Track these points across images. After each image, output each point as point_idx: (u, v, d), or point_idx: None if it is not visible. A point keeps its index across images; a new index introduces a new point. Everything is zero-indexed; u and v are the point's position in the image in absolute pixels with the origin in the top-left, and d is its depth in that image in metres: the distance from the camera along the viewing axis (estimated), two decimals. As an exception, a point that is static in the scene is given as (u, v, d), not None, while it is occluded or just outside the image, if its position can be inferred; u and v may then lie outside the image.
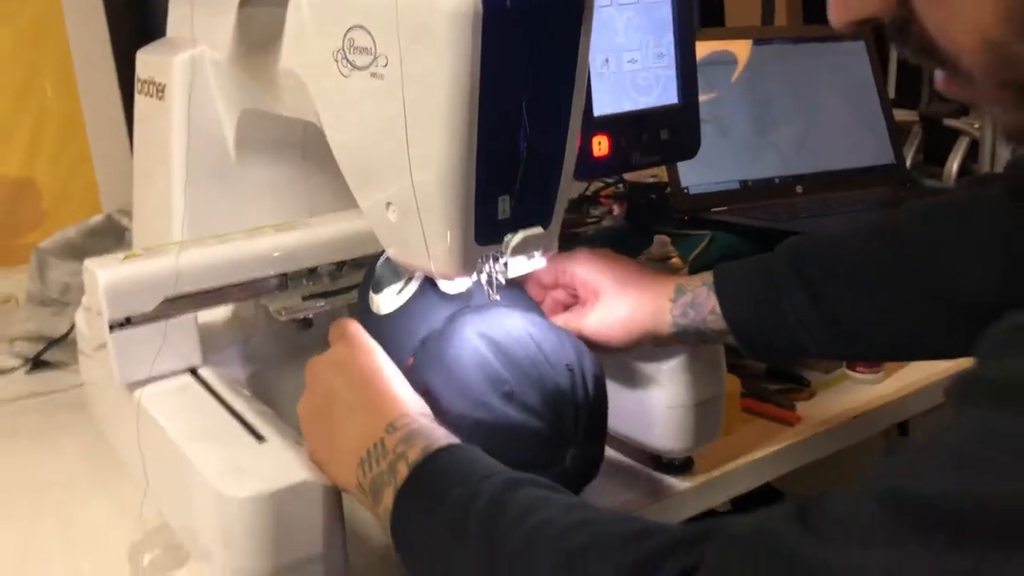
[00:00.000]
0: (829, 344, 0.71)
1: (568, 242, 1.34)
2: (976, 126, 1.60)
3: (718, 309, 0.72)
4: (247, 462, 0.62)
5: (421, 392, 0.66)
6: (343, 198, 0.90)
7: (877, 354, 0.75)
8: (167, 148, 0.86)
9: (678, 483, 0.83)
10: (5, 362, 1.10)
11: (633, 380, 0.80)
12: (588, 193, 1.46)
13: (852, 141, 1.42)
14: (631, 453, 0.85)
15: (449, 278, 0.66)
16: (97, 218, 1.15)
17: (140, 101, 0.93)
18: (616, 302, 0.74)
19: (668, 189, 1.26)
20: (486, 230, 0.64)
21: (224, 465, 0.62)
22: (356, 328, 0.69)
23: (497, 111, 0.60)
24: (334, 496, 0.62)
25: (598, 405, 0.69)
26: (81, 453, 0.92)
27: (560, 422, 0.65)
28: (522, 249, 0.65)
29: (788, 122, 1.37)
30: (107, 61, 1.42)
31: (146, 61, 0.92)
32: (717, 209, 1.27)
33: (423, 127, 0.60)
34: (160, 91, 0.88)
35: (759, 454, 0.88)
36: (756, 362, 0.99)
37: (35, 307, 1.13)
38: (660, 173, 1.31)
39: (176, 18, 0.92)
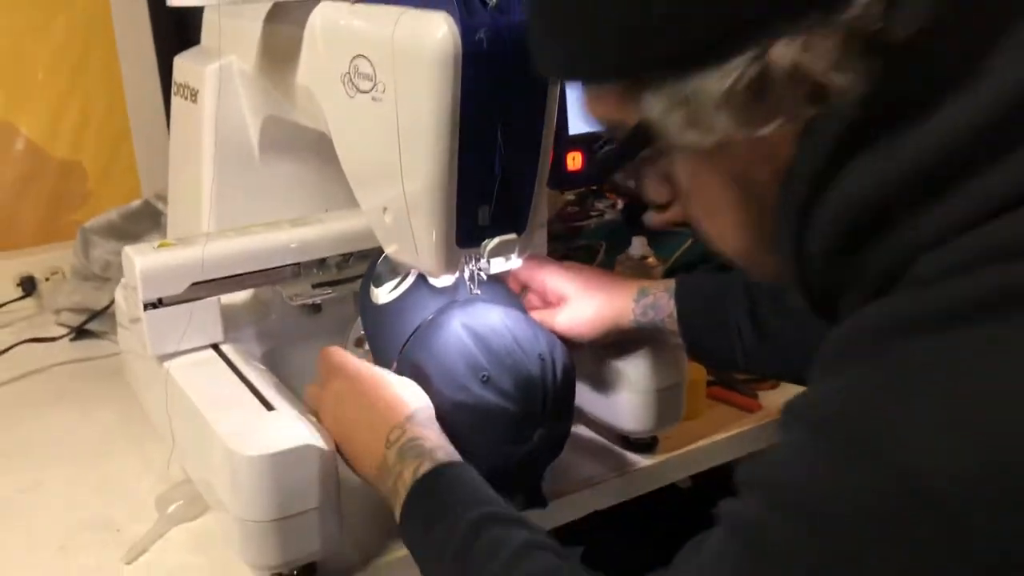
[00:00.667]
0: (755, 359, 0.81)
1: (571, 234, 1.44)
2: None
3: (675, 314, 0.82)
4: (257, 426, 0.73)
5: (411, 374, 0.76)
6: (353, 196, 1.01)
7: (792, 376, 0.84)
8: (199, 147, 0.97)
9: (642, 460, 0.93)
10: (52, 330, 1.22)
11: (604, 368, 0.90)
12: (594, 188, 1.54)
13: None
14: (602, 433, 0.95)
15: (435, 275, 0.77)
16: (136, 203, 1.26)
17: (176, 103, 1.04)
18: (583, 304, 0.85)
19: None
20: (467, 234, 0.74)
21: (237, 428, 0.73)
22: (343, 356, 0.79)
23: (475, 134, 0.70)
24: (330, 458, 0.73)
25: (565, 391, 0.79)
26: (117, 415, 1.04)
27: (529, 405, 0.75)
28: (497, 252, 0.75)
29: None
30: (149, 54, 1.52)
31: (182, 67, 1.02)
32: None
33: (413, 145, 0.70)
34: (194, 95, 0.98)
35: (719, 436, 0.97)
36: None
37: (79, 281, 1.24)
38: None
39: (209, 27, 1.02)
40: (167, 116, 1.55)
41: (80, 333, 1.22)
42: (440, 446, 0.70)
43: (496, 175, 0.72)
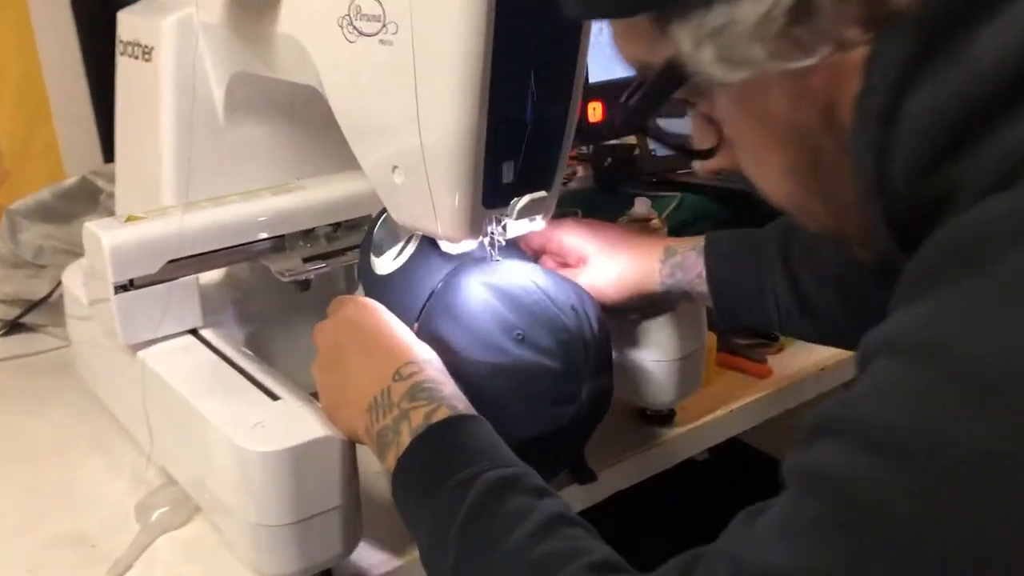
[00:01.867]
0: (796, 326, 0.75)
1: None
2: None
3: (704, 274, 0.76)
4: (266, 419, 0.64)
5: (434, 345, 0.68)
6: (329, 160, 0.92)
7: (839, 342, 0.78)
8: (155, 111, 0.86)
9: (662, 434, 0.87)
10: (-20, 325, 1.10)
11: (619, 337, 0.83)
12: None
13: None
14: (614, 405, 0.89)
15: (456, 240, 0.69)
16: (72, 180, 1.14)
17: (124, 63, 0.93)
18: (606, 264, 0.77)
19: (637, 151, 1.29)
20: (492, 194, 0.67)
21: (242, 422, 0.64)
22: (358, 297, 0.71)
23: (506, 78, 0.62)
24: (350, 451, 0.64)
25: (604, 341, 0.72)
26: (71, 414, 0.93)
27: (572, 360, 0.68)
28: (527, 212, 0.68)
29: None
30: (67, 20, 1.39)
31: (130, 23, 0.91)
32: (683, 171, 1.30)
33: (434, 93, 0.62)
34: (147, 53, 0.88)
35: (735, 405, 0.92)
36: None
37: (8, 269, 1.12)
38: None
39: (161, -22, 0.91)
40: (90, 84, 1.45)
41: (11, 327, 1.10)
42: (458, 397, 0.62)
43: (527, 124, 0.65)
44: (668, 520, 1.01)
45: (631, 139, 1.31)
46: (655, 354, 0.82)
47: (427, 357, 0.65)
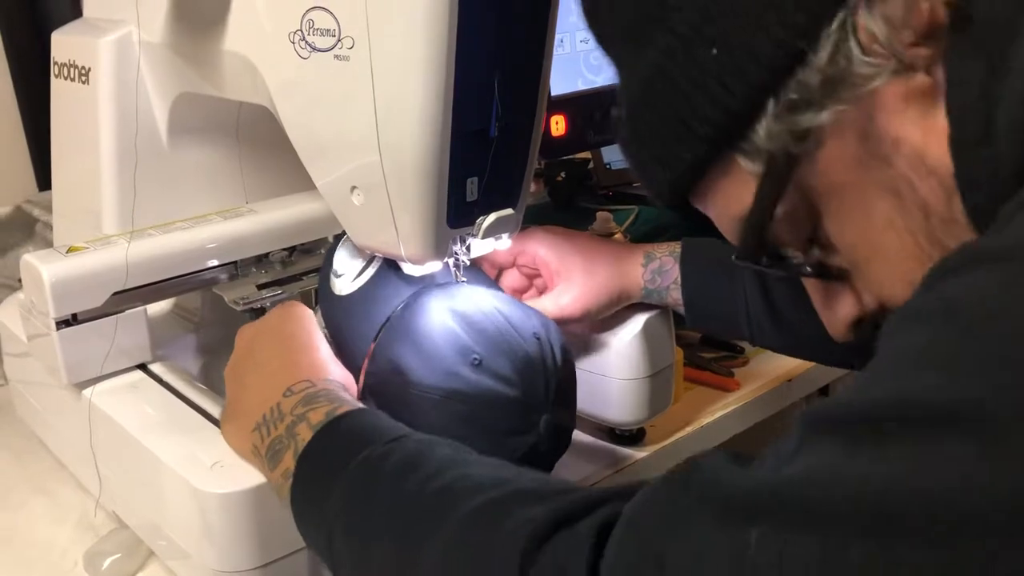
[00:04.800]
0: (767, 335, 0.74)
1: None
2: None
3: (679, 280, 0.74)
4: (223, 457, 0.61)
5: (390, 369, 0.65)
6: (277, 182, 0.89)
7: (808, 354, 0.77)
8: (94, 134, 0.82)
9: (633, 454, 0.85)
10: (-91, 365, 1.04)
11: (588, 355, 0.81)
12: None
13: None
14: (583, 426, 0.87)
15: (420, 262, 0.66)
16: (6, 209, 1.09)
17: (59, 85, 0.88)
18: (591, 276, 0.75)
19: (591, 165, 1.28)
20: (457, 213, 0.64)
21: (198, 462, 0.60)
22: (297, 303, 0.68)
23: (469, 90, 0.60)
24: (316, 487, 0.61)
25: (567, 372, 0.69)
26: (9, 456, 0.88)
27: (531, 389, 0.65)
28: (493, 231, 0.66)
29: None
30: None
31: (65, 43, 0.87)
32: (638, 183, 1.29)
33: (395, 110, 0.59)
34: (84, 75, 0.83)
35: (705, 420, 0.91)
36: (692, 332, 1.02)
37: (-61, 306, 1.06)
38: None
39: (97, -4, 0.87)
40: (21, 110, 1.39)
41: (-58, 366, 1.04)
42: (360, 405, 0.59)
43: (492, 139, 0.62)
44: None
45: (584, 153, 1.29)
46: (624, 372, 0.80)
47: (331, 377, 0.62)
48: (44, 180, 1.38)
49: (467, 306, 0.67)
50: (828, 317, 0.53)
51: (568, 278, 0.75)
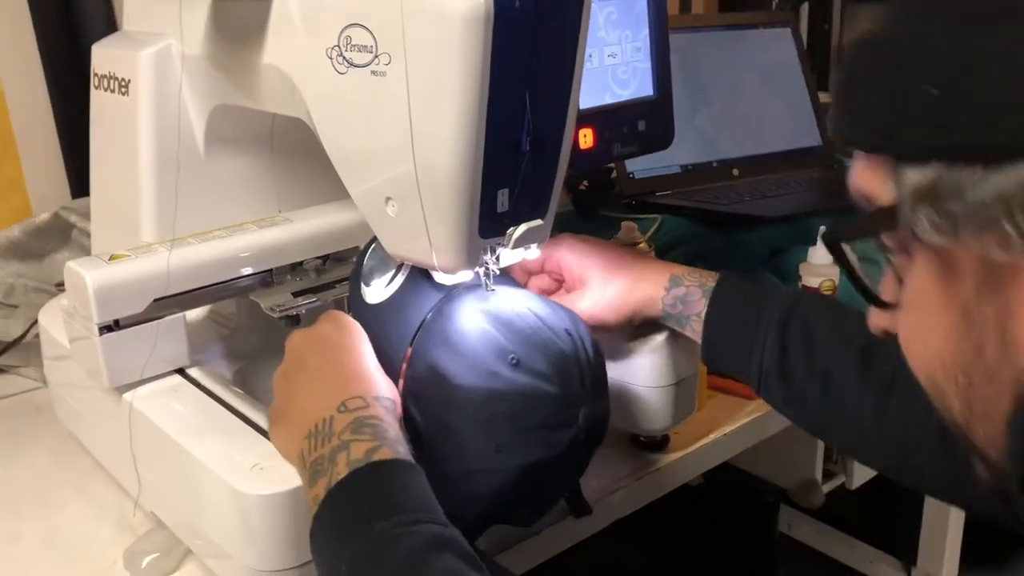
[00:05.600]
0: (772, 394, 0.75)
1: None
2: (888, 107, 1.68)
3: (703, 315, 0.75)
4: (262, 460, 0.62)
5: (429, 372, 0.67)
6: (309, 190, 0.91)
7: (805, 424, 0.77)
8: (133, 144, 0.85)
9: (656, 460, 0.86)
10: (-50, 368, 1.06)
11: (613, 363, 0.82)
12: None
13: (781, 125, 1.48)
14: (609, 433, 0.88)
15: (452, 271, 0.68)
16: (43, 216, 1.11)
17: (98, 97, 0.91)
18: (607, 286, 0.77)
19: (614, 174, 1.29)
20: (488, 223, 0.66)
21: (238, 464, 0.62)
22: (343, 313, 0.70)
23: (502, 106, 0.61)
24: (350, 489, 0.63)
25: (599, 365, 0.71)
26: (50, 457, 0.90)
27: (569, 383, 0.67)
28: (523, 241, 0.67)
29: (722, 108, 1.42)
30: (32, 53, 1.36)
31: (105, 55, 0.89)
32: (661, 193, 1.31)
33: (430, 124, 0.61)
34: (123, 86, 0.86)
35: (728, 428, 0.92)
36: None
37: (-21, 310, 1.09)
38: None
39: (135, 12, 0.89)
40: (56, 118, 1.42)
41: (-17, 368, 1.07)
42: (401, 442, 0.61)
43: (524, 152, 0.64)
44: (663, 544, 1.00)
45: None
46: (649, 380, 0.82)
47: (380, 394, 0.64)
48: (78, 187, 1.41)
49: (499, 307, 0.68)
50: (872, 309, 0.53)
51: (585, 285, 0.77)
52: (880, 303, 0.51)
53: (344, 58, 0.65)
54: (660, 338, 0.81)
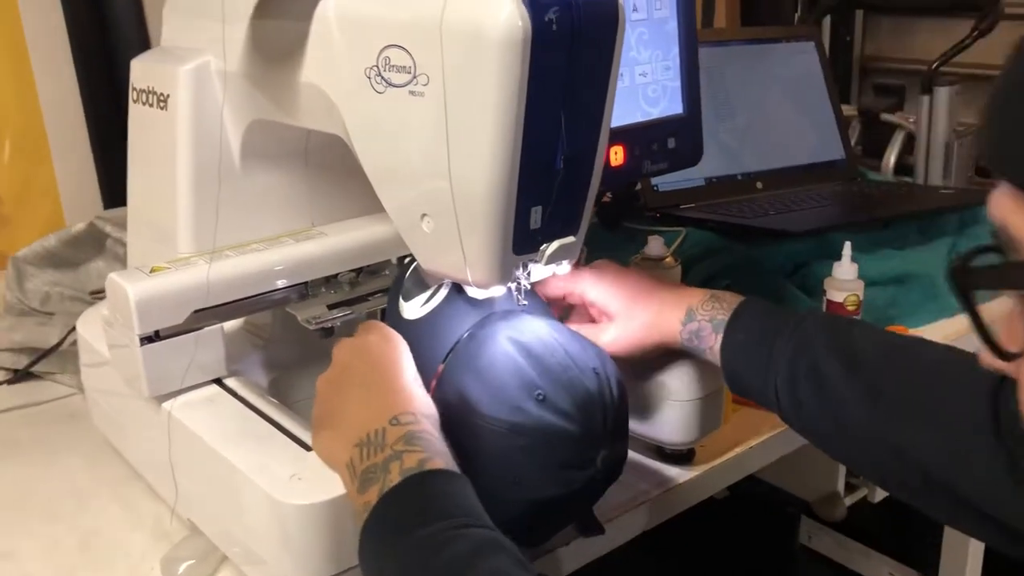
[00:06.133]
0: (790, 418, 0.76)
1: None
2: (911, 120, 1.69)
3: (716, 348, 0.77)
4: (301, 470, 0.64)
5: (454, 395, 0.68)
6: (342, 203, 0.93)
7: (820, 445, 0.78)
8: (171, 158, 0.86)
9: (682, 473, 0.87)
10: (-12, 374, 1.09)
11: (641, 376, 0.84)
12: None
13: (804, 138, 1.49)
14: (634, 445, 0.89)
15: (485, 287, 0.69)
16: (79, 226, 1.13)
17: (137, 111, 0.92)
18: (630, 320, 0.79)
19: (639, 187, 1.30)
20: (521, 240, 0.67)
21: (277, 474, 0.64)
22: (386, 325, 0.72)
23: (537, 126, 0.63)
24: (386, 500, 0.64)
25: (622, 406, 0.72)
26: (86, 464, 0.92)
27: (591, 425, 0.68)
28: (555, 258, 0.69)
29: (746, 121, 1.43)
30: (67, 65, 1.39)
31: (144, 70, 0.91)
32: (685, 205, 1.32)
33: (467, 144, 0.63)
34: (162, 101, 0.88)
35: (753, 441, 0.93)
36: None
37: (16, 318, 1.11)
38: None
39: (173, 27, 0.91)
40: (89, 128, 1.44)
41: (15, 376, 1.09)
42: (449, 457, 0.62)
43: (557, 170, 0.65)
44: (684, 553, 1.01)
45: (633, 176, 1.32)
46: (676, 394, 0.83)
47: (426, 412, 0.66)
48: (109, 196, 1.43)
49: (531, 339, 0.70)
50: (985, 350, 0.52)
51: (608, 318, 0.79)
52: (1003, 353, 0.49)
53: (382, 78, 0.67)
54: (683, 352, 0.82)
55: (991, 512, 0.64)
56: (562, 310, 0.85)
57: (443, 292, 0.74)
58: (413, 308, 0.74)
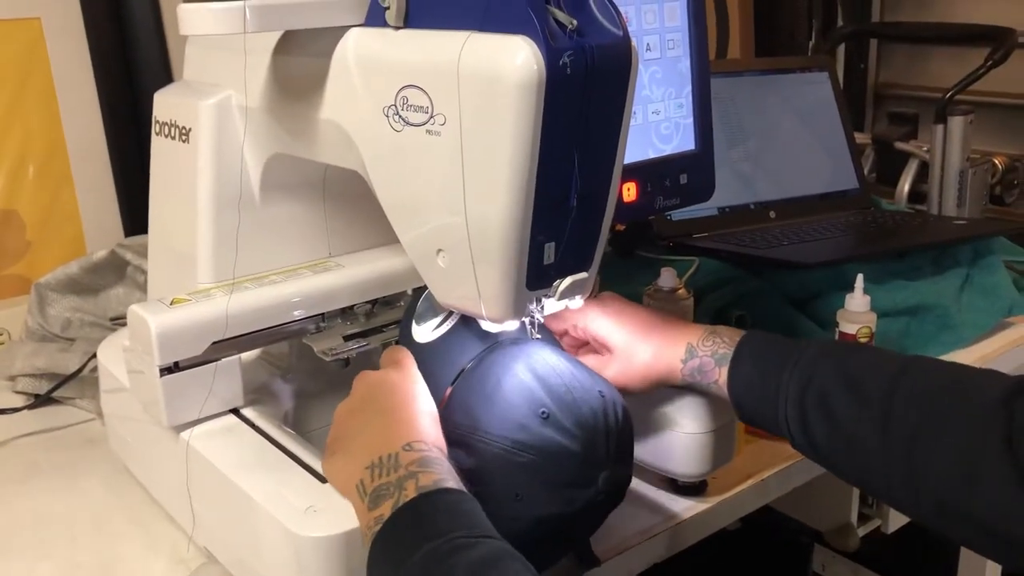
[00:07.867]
0: (803, 448, 0.76)
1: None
2: (925, 149, 1.70)
3: (720, 382, 0.78)
4: (317, 502, 0.65)
5: (462, 415, 0.70)
6: (358, 235, 0.94)
7: (835, 472, 0.78)
8: (192, 190, 0.88)
9: (694, 505, 0.88)
10: (9, 399, 1.10)
11: (652, 408, 0.84)
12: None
13: (818, 167, 1.49)
14: (646, 477, 0.90)
15: (500, 321, 0.70)
16: (101, 253, 1.15)
17: (159, 143, 0.94)
18: (632, 357, 0.80)
19: (652, 216, 1.31)
20: (535, 276, 0.68)
21: (292, 505, 0.65)
22: (410, 359, 0.73)
23: (552, 165, 0.64)
24: (400, 532, 0.65)
25: (627, 429, 0.73)
26: (105, 489, 0.93)
27: (594, 445, 0.69)
28: (568, 293, 0.70)
29: (760, 150, 1.44)
30: (91, 95, 1.41)
31: (167, 103, 0.93)
32: (698, 235, 1.32)
33: (483, 182, 0.64)
34: (184, 134, 0.89)
35: (765, 473, 0.93)
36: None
37: (38, 343, 1.13)
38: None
39: (196, 61, 0.93)
40: (111, 158, 1.47)
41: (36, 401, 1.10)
42: (460, 483, 0.64)
43: (570, 208, 0.67)
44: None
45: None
46: (688, 426, 0.84)
47: (439, 445, 0.68)
48: (130, 224, 1.46)
49: (537, 361, 0.71)
50: None
51: (611, 353, 0.80)
52: None
53: (400, 117, 0.68)
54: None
55: (1004, 532, 0.64)
56: (567, 344, 0.86)
57: (455, 317, 0.75)
58: (425, 332, 0.76)
